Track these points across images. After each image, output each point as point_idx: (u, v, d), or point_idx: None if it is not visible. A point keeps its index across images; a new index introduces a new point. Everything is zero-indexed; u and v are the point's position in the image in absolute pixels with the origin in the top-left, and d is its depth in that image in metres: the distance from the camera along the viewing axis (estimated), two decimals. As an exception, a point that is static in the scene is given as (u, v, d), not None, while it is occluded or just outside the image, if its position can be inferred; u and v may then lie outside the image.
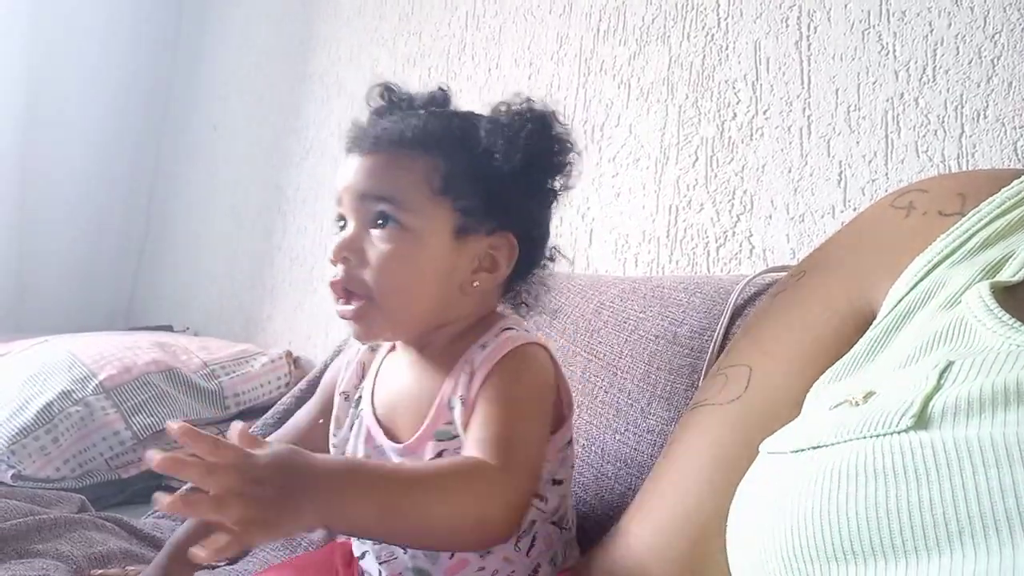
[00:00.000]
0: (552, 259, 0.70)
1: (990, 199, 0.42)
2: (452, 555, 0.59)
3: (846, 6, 0.91)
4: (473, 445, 0.55)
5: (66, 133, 2.10)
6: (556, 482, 0.62)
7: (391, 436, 0.62)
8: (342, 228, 0.62)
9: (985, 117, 0.80)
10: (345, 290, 0.60)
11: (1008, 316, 0.34)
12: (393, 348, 0.67)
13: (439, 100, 0.68)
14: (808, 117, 0.94)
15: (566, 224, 1.20)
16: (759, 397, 0.45)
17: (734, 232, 0.99)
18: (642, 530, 0.48)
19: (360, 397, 0.67)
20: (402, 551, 0.61)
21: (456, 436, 0.58)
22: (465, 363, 0.60)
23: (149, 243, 2.27)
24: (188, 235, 2.12)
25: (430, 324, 0.62)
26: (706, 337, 0.78)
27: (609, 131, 1.16)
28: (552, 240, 0.70)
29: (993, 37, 0.79)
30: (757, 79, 0.99)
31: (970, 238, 0.41)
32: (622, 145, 1.14)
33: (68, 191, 2.12)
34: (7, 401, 1.25)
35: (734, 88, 1.01)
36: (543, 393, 0.60)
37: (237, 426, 0.47)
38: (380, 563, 0.62)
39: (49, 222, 2.09)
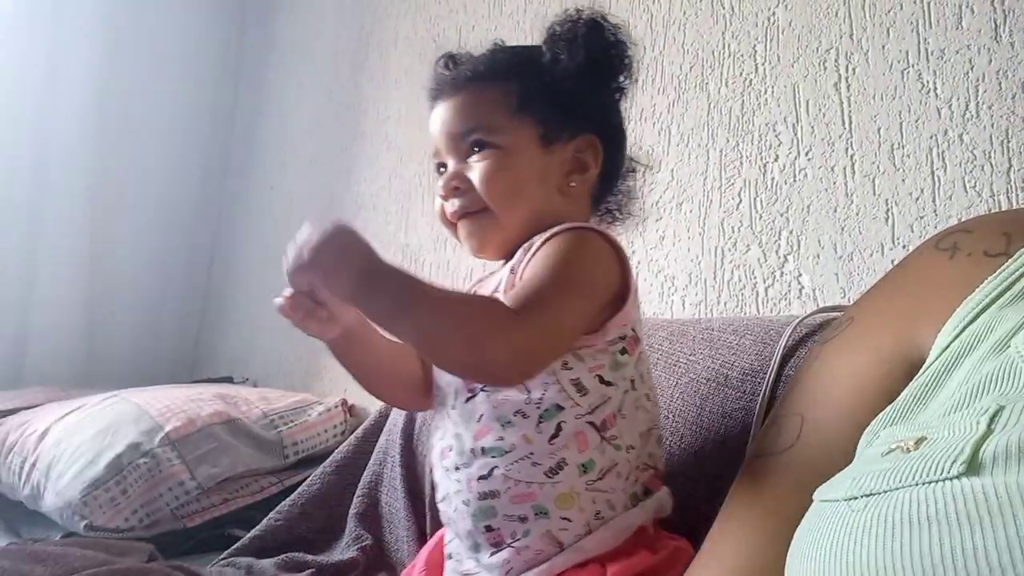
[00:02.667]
0: (632, 169, 0.78)
1: None
2: (480, 418, 0.64)
3: (883, 47, 0.92)
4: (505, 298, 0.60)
5: (133, 200, 2.23)
6: (604, 382, 0.63)
7: None
8: (443, 173, 0.71)
9: (1033, 151, 0.79)
10: (460, 216, 0.69)
11: None
12: None
13: (498, 47, 0.75)
14: (851, 157, 0.94)
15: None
16: (811, 446, 0.45)
17: (782, 272, 0.99)
18: None
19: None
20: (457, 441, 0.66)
21: None
22: (529, 243, 0.66)
23: (211, 300, 2.36)
24: (247, 291, 2.20)
25: (536, 225, 0.67)
26: (758, 379, 0.77)
27: (650, 176, 1.18)
28: (629, 150, 0.77)
29: (1036, 72, 0.79)
30: (797, 121, 1.00)
31: (1018, 280, 0.41)
32: (664, 190, 1.15)
33: (135, 255, 2.23)
34: (80, 454, 1.30)
35: (775, 131, 1.03)
36: (585, 268, 0.62)
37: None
38: (442, 461, 0.68)
39: (117, 284, 2.20)
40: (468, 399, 0.66)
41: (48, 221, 2.04)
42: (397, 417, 1.16)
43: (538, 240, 0.65)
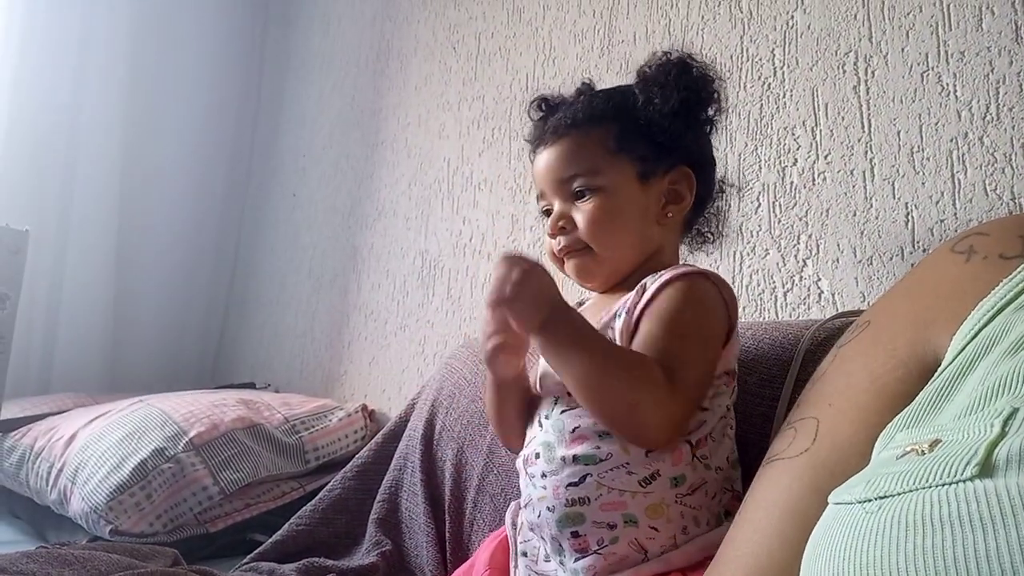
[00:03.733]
0: (722, 190, 0.81)
1: None
2: (575, 429, 0.67)
3: (903, 49, 0.92)
4: None
5: (157, 209, 2.27)
6: (702, 409, 0.66)
7: None
8: (549, 213, 0.75)
9: (1056, 153, 0.78)
10: (566, 254, 0.74)
11: None
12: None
13: (587, 88, 0.80)
14: (871, 160, 0.94)
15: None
16: (827, 449, 0.45)
17: (801, 277, 0.99)
18: None
19: None
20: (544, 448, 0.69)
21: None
22: (640, 286, 0.70)
23: (233, 306, 2.39)
24: (270, 297, 2.23)
25: (637, 256, 0.73)
26: (777, 384, 0.77)
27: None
28: (719, 172, 0.80)
29: (1058, 72, 0.78)
30: (816, 124, 1.00)
31: (1034, 282, 0.41)
32: (683, 195, 1.15)
33: (159, 263, 2.27)
34: (106, 459, 1.32)
35: (793, 134, 1.02)
36: (706, 320, 0.67)
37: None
38: (527, 468, 0.70)
39: (142, 292, 2.23)
40: (564, 411, 0.69)
41: (75, 231, 2.08)
42: (417, 423, 1.16)
43: (650, 284, 0.68)
